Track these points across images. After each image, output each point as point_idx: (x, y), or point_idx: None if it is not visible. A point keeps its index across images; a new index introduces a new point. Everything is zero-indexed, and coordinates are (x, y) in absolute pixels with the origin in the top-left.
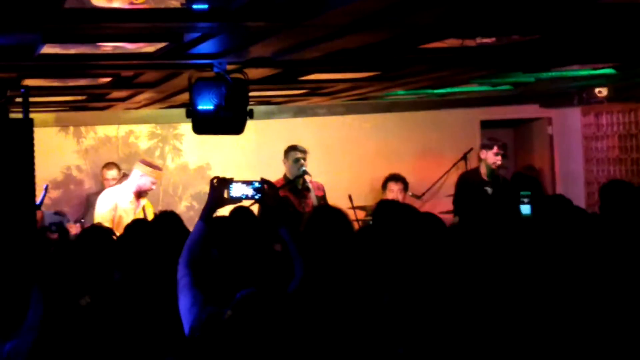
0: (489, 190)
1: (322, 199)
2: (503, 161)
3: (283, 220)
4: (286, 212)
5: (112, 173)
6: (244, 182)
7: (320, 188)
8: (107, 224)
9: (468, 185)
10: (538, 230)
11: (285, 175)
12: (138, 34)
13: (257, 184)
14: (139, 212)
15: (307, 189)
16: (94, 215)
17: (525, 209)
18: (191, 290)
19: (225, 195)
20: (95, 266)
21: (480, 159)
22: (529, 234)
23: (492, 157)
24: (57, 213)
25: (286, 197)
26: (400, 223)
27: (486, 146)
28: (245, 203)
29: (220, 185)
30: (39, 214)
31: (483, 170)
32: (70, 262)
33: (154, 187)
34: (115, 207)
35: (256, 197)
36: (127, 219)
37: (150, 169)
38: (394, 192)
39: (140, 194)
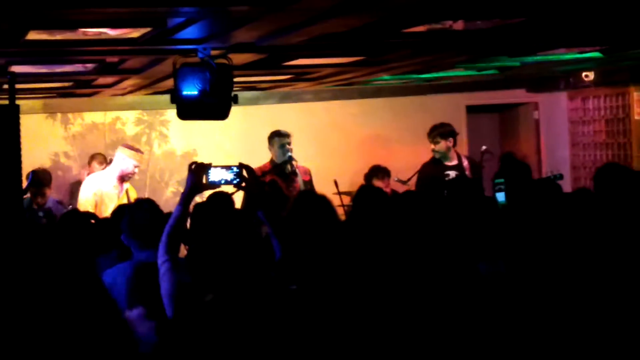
0: (452, 174)
1: (309, 183)
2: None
3: (261, 203)
4: (265, 196)
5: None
6: (222, 167)
7: (307, 173)
8: (90, 209)
9: (428, 175)
10: (530, 213)
11: (272, 160)
12: (121, 19)
13: (235, 169)
14: (123, 197)
15: (295, 173)
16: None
17: (500, 197)
18: (172, 276)
19: (204, 181)
20: (73, 250)
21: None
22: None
23: (441, 145)
24: (59, 202)
25: (274, 180)
26: (380, 208)
27: (434, 142)
28: (225, 188)
29: (198, 170)
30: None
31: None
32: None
33: (136, 170)
34: (98, 193)
35: (235, 181)
36: (110, 204)
37: (133, 152)
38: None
39: (123, 179)
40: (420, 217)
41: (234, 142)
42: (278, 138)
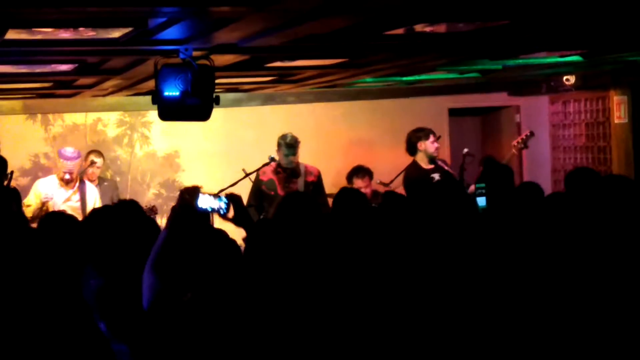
0: (437, 176)
1: (312, 184)
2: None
3: (247, 232)
4: (251, 224)
5: (99, 160)
6: (211, 194)
7: (314, 174)
8: (31, 211)
9: (417, 180)
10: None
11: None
12: (102, 19)
13: (224, 199)
14: (72, 195)
15: (295, 175)
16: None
17: (481, 201)
18: (152, 273)
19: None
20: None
21: (417, 151)
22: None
23: (431, 145)
24: None
25: (271, 180)
26: (360, 210)
27: (422, 137)
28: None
29: (189, 195)
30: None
31: (424, 160)
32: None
33: (67, 176)
34: (40, 195)
35: (221, 211)
36: (59, 205)
37: (58, 158)
38: (361, 189)
39: (64, 180)
40: (407, 218)
41: (216, 143)
42: (279, 140)
